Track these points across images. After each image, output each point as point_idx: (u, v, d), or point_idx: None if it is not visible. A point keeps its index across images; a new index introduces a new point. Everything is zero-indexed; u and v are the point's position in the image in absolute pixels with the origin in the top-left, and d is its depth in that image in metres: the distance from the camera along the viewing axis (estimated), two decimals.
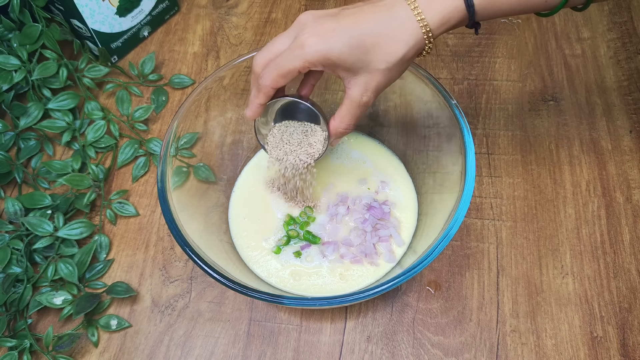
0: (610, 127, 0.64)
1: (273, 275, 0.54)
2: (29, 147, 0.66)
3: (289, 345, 0.53)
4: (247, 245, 0.56)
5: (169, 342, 0.54)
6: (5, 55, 0.65)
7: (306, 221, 0.57)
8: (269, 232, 0.57)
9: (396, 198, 0.58)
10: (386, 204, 0.57)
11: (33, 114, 0.65)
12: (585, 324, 0.52)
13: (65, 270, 0.56)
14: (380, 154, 0.61)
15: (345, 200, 0.58)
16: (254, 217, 0.58)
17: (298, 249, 0.55)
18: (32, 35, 0.65)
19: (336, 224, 0.56)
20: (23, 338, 0.53)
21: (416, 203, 0.58)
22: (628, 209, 0.58)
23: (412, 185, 0.59)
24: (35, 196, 0.60)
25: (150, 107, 0.68)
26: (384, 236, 0.55)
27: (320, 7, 0.78)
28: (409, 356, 0.51)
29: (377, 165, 0.60)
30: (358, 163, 0.61)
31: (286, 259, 0.55)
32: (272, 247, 0.56)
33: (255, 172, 0.61)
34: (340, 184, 0.59)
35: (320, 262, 0.54)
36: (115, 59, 0.74)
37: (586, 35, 0.71)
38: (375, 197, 0.58)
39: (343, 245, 0.55)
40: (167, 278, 0.58)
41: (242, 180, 0.61)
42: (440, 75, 0.70)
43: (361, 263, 0.54)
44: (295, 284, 0.53)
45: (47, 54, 0.66)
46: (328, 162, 0.61)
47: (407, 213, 0.57)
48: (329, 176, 0.60)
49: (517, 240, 0.57)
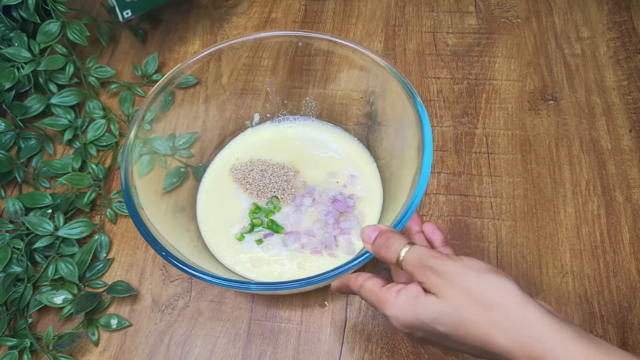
0: (610, 126, 0.64)
1: (232, 261, 0.56)
2: (30, 147, 0.66)
3: (289, 345, 0.53)
4: (213, 230, 0.58)
5: (169, 342, 0.54)
6: (17, 47, 0.65)
7: (271, 210, 0.58)
8: (235, 219, 0.58)
9: (363, 192, 0.59)
10: (352, 197, 0.58)
11: (34, 107, 0.66)
12: (585, 323, 0.52)
13: (65, 270, 0.56)
14: (355, 148, 0.63)
15: (312, 192, 0.59)
16: (220, 204, 0.60)
17: (261, 237, 0.57)
18: (50, 33, 0.66)
19: (300, 214, 0.58)
20: (23, 337, 0.53)
21: (382, 198, 0.59)
22: (628, 208, 0.58)
23: (380, 181, 0.60)
24: (35, 196, 0.60)
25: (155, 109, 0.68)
26: (346, 228, 0.56)
27: (320, 8, 0.78)
28: (409, 355, 0.52)
29: (350, 159, 0.62)
30: (332, 155, 0.62)
31: (248, 246, 0.56)
32: (237, 234, 0.57)
33: (228, 159, 0.63)
34: (311, 176, 0.61)
35: (280, 250, 0.56)
36: (129, 14, 0.69)
37: (586, 35, 0.72)
38: (342, 191, 0.59)
39: (305, 236, 0.56)
40: (167, 277, 0.58)
41: (213, 166, 0.63)
42: (440, 75, 0.70)
43: (320, 254, 0.55)
44: (254, 270, 0.55)
45: (57, 49, 0.67)
46: (304, 152, 0.63)
47: (371, 207, 0.58)
48: (300, 166, 0.61)
49: (517, 239, 0.57)
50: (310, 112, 0.65)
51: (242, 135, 0.65)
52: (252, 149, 0.63)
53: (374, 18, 0.76)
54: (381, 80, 0.56)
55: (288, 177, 0.60)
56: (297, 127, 0.65)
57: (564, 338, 0.33)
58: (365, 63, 0.57)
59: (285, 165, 0.61)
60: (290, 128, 0.65)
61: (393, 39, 0.74)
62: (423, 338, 0.39)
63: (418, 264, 0.38)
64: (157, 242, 0.47)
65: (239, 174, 0.61)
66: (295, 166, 0.61)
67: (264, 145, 0.64)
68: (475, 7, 0.76)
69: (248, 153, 0.63)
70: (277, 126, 0.65)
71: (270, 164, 0.61)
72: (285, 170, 0.60)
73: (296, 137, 0.64)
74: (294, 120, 0.66)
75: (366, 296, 0.41)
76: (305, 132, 0.64)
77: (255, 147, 0.64)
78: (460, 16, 0.75)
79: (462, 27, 0.74)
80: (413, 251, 0.39)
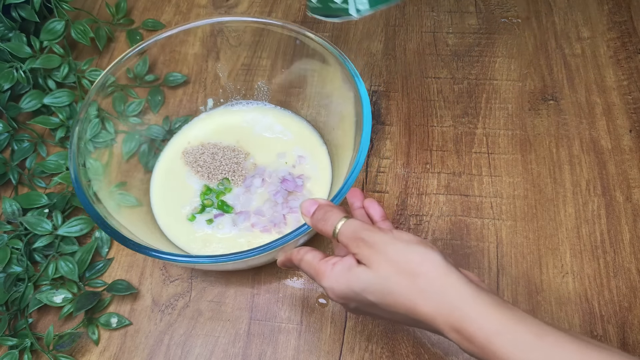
0: (610, 126, 0.64)
1: (185, 240, 0.57)
2: (23, 149, 0.66)
3: (289, 345, 0.53)
4: (166, 213, 0.60)
5: (169, 342, 0.54)
6: (20, 43, 0.66)
7: (222, 191, 0.60)
8: (186, 200, 0.60)
9: (312, 172, 0.61)
10: (300, 177, 0.60)
11: (30, 103, 0.66)
12: (585, 323, 0.52)
13: (65, 268, 0.56)
14: (300, 127, 0.65)
15: (262, 173, 0.61)
16: (173, 186, 0.62)
17: (211, 217, 0.59)
18: (54, 31, 0.67)
19: (250, 195, 0.60)
20: (24, 337, 0.53)
21: (330, 177, 0.61)
22: (628, 208, 0.58)
23: (329, 161, 0.62)
24: (31, 196, 0.61)
25: (142, 101, 0.68)
26: (295, 207, 0.58)
27: None
28: (409, 355, 0.52)
29: (297, 140, 0.64)
30: (279, 136, 0.64)
31: (199, 226, 0.58)
32: (188, 215, 0.59)
33: (181, 143, 0.65)
34: (261, 158, 0.63)
35: (230, 229, 0.58)
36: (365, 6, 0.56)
37: (586, 35, 0.72)
38: (291, 171, 0.61)
39: (254, 215, 0.58)
40: (167, 277, 0.58)
41: (167, 151, 0.64)
42: (440, 74, 0.70)
43: (270, 232, 0.57)
44: (204, 249, 0.57)
45: (55, 48, 0.67)
46: (250, 134, 0.65)
47: (320, 187, 0.60)
48: (249, 148, 0.63)
49: (517, 239, 0.57)
50: (263, 97, 0.68)
51: (195, 120, 0.67)
52: (204, 133, 0.66)
53: (374, 18, 0.76)
54: (321, 59, 0.59)
55: (238, 160, 0.62)
56: (249, 112, 0.67)
57: (480, 305, 0.35)
58: (311, 44, 0.59)
59: (235, 147, 0.63)
60: (242, 112, 0.67)
61: (393, 39, 0.74)
62: (357, 308, 0.41)
63: (352, 236, 0.40)
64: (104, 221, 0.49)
65: (190, 157, 0.63)
66: (245, 148, 0.63)
67: (216, 129, 0.66)
68: (475, 7, 0.76)
69: (199, 137, 0.65)
70: (229, 110, 0.68)
71: (221, 147, 0.63)
72: (236, 153, 0.63)
73: (247, 120, 0.66)
74: (246, 105, 0.68)
75: (306, 269, 0.44)
76: (255, 116, 0.67)
77: (207, 131, 0.66)
78: (460, 16, 0.75)
79: (462, 27, 0.74)
80: (347, 224, 0.41)
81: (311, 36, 0.57)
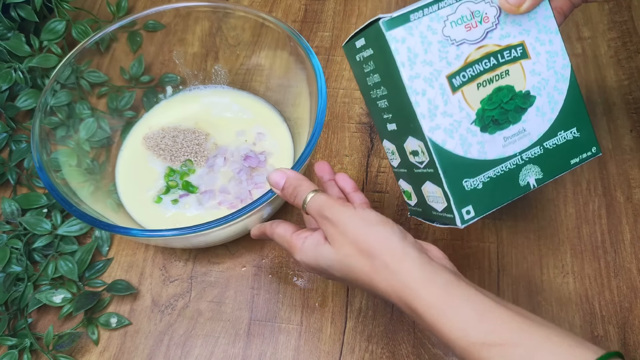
0: (611, 126, 0.64)
1: (153, 223, 0.59)
2: (21, 150, 0.66)
3: (289, 345, 0.53)
4: (132, 198, 0.61)
5: (169, 342, 0.54)
6: (19, 41, 0.66)
7: (186, 172, 0.62)
8: (151, 184, 0.61)
9: (273, 148, 0.63)
10: (263, 154, 0.62)
11: (26, 102, 0.65)
12: (586, 323, 0.52)
13: (65, 268, 0.56)
14: (259, 106, 0.67)
15: (225, 152, 0.62)
16: (137, 172, 0.63)
17: (176, 197, 0.60)
18: (55, 31, 0.67)
19: (214, 174, 0.61)
20: (23, 337, 0.53)
21: (292, 152, 0.63)
22: (629, 208, 0.58)
23: (290, 136, 0.64)
24: (30, 197, 0.61)
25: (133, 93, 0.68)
26: (260, 182, 0.60)
27: (320, 7, 0.78)
28: (409, 355, 0.51)
29: (256, 118, 0.66)
30: (238, 115, 0.66)
31: (166, 207, 0.60)
32: (154, 197, 0.60)
33: (142, 130, 0.66)
34: (220, 137, 0.64)
35: (197, 209, 0.59)
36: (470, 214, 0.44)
37: (586, 35, 0.71)
38: (252, 149, 0.62)
39: (220, 193, 0.60)
40: (167, 277, 0.58)
41: (129, 139, 0.66)
42: None
43: (237, 208, 0.56)
44: None
45: (53, 48, 0.67)
46: (208, 115, 0.66)
47: (283, 162, 0.62)
48: (209, 129, 0.65)
49: (517, 239, 0.57)
50: (221, 80, 0.69)
51: (155, 107, 0.68)
52: (164, 118, 0.67)
53: None
54: (278, 40, 0.61)
55: (199, 141, 0.63)
56: (207, 95, 0.69)
57: (429, 284, 0.38)
58: (271, 26, 0.61)
59: (195, 129, 0.64)
60: (200, 96, 0.69)
61: None
62: (328, 278, 0.45)
63: (317, 213, 0.42)
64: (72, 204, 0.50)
65: (151, 142, 0.64)
66: (205, 129, 0.65)
67: (175, 114, 0.67)
68: None
69: (160, 122, 0.67)
70: (187, 95, 0.69)
71: (181, 130, 0.64)
72: (196, 135, 0.64)
73: (205, 103, 0.68)
74: (204, 89, 0.70)
75: (279, 241, 0.46)
76: (213, 99, 0.69)
77: (167, 116, 0.67)
78: None
79: None
80: (314, 199, 0.43)
81: (270, 19, 0.60)
